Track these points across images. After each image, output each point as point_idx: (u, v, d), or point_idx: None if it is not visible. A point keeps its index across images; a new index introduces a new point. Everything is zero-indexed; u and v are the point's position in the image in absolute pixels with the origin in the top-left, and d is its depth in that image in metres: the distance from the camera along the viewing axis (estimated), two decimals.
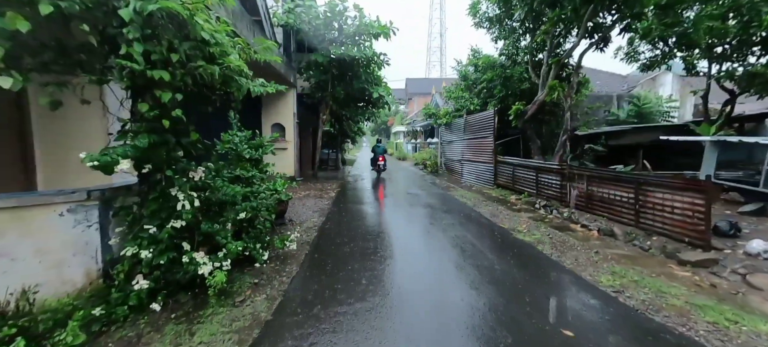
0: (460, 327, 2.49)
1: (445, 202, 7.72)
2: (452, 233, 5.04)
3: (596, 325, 2.51)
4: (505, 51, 10.71)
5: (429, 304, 2.85)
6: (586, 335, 2.37)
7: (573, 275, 3.44)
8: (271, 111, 11.21)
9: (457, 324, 2.52)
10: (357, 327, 2.48)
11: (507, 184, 8.65)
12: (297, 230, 5.22)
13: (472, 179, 10.93)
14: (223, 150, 4.37)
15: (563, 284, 3.26)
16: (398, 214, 6.49)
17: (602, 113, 14.34)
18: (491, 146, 9.38)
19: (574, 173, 5.89)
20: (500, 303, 2.85)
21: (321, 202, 7.59)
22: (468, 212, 6.51)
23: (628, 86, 15.31)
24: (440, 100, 17.94)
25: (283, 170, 11.58)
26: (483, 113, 10.16)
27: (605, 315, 2.66)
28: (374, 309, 2.75)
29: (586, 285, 3.19)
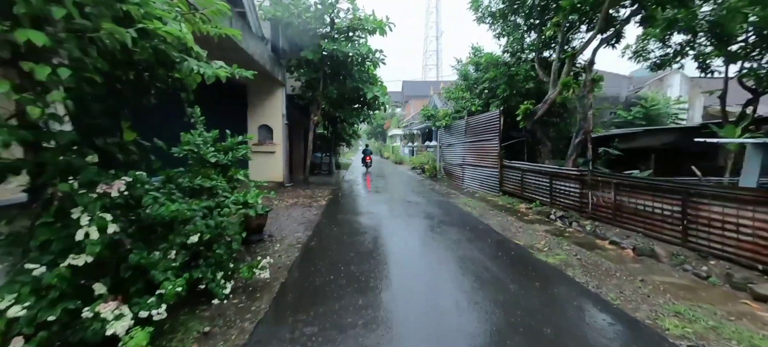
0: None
1: (447, 212, 6.92)
2: (460, 252, 4.24)
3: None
4: (509, 48, 10.02)
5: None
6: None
7: (624, 316, 2.65)
8: (257, 111, 10.38)
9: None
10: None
11: (514, 191, 7.89)
12: (276, 249, 4.39)
13: (474, 185, 10.17)
14: (180, 154, 3.54)
15: (615, 332, 2.47)
16: (396, 227, 5.68)
17: (608, 114, 13.72)
18: (496, 149, 8.63)
19: (597, 181, 5.14)
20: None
21: (309, 212, 6.76)
22: (474, 225, 5.72)
23: (634, 87, 14.72)
24: (439, 101, 17.25)
25: (270, 176, 10.73)
26: (487, 114, 9.43)
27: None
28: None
29: (649, 335, 2.40)
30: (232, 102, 9.49)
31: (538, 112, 7.50)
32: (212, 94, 8.35)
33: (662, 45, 10.88)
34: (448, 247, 4.45)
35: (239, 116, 9.89)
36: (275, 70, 9.57)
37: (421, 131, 23.32)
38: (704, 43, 10.44)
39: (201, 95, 7.71)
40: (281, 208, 7.13)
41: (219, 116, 8.77)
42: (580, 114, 7.56)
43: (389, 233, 5.21)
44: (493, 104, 11.15)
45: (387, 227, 5.61)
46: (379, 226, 5.64)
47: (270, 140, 10.50)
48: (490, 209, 7.13)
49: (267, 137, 10.54)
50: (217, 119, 8.15)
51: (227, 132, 4.30)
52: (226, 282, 3.01)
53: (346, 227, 5.56)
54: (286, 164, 10.63)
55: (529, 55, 10.25)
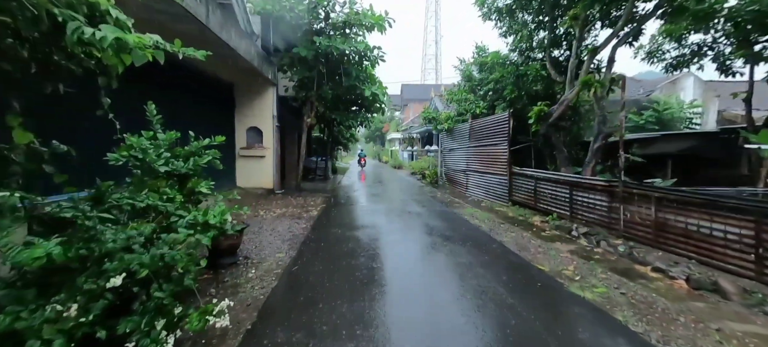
0: None
1: (453, 225, 6.15)
2: (473, 280, 3.47)
3: None
4: (517, 46, 9.33)
5: None
6: None
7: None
8: (245, 113, 9.63)
9: None
10: None
11: (526, 201, 7.14)
12: (250, 276, 3.61)
13: (479, 193, 9.42)
14: (118, 162, 2.76)
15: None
16: (396, 246, 4.91)
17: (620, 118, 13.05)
18: (505, 155, 7.89)
19: (632, 193, 4.39)
20: None
21: (297, 225, 5.97)
22: (486, 243, 4.95)
23: (645, 91, 14.08)
24: (440, 103, 16.56)
25: (260, 182, 9.94)
26: (494, 117, 8.71)
27: None
28: None
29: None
30: (217, 102, 8.74)
31: (553, 114, 6.78)
32: (193, 93, 7.60)
33: (678, 45, 10.24)
34: (460, 275, 3.68)
35: (225, 118, 9.14)
36: (265, 68, 8.83)
37: (420, 134, 22.62)
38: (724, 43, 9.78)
39: (179, 94, 6.94)
40: (267, 220, 6.35)
41: (201, 117, 8.02)
42: (598, 117, 6.85)
43: (388, 254, 4.43)
44: (499, 106, 10.45)
45: (385, 245, 4.84)
46: (375, 244, 4.86)
47: (259, 143, 9.74)
48: (500, 222, 6.37)
49: (256, 140, 9.78)
50: (199, 121, 7.39)
51: (190, 134, 3.52)
52: (168, 336, 2.23)
53: (337, 245, 4.78)
54: (277, 170, 9.86)
55: (538, 54, 9.57)
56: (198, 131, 7.12)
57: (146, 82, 6.24)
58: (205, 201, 3.68)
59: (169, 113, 6.71)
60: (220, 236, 3.27)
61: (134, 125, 3.14)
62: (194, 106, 7.46)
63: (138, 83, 6.11)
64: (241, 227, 3.91)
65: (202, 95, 7.88)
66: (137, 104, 3.32)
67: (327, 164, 15.05)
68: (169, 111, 6.76)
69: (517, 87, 9.24)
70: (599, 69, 8.69)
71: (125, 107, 3.29)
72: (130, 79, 5.16)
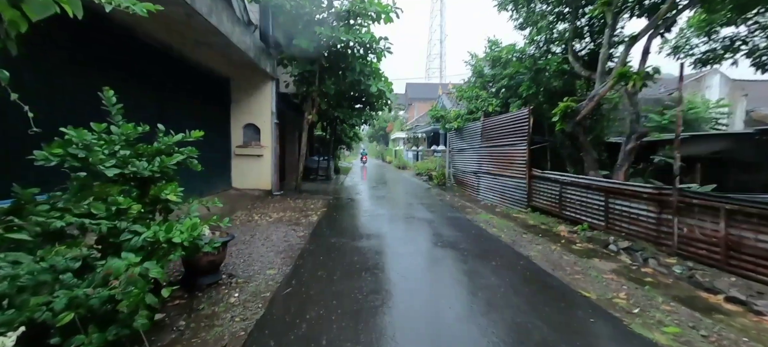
0: None
1: (469, 236, 5.47)
2: (508, 312, 2.80)
3: None
4: (536, 38, 8.62)
5: None
6: None
7: None
8: (242, 108, 9.00)
9: None
10: None
11: (548, 208, 6.43)
12: (232, 301, 2.95)
13: (492, 196, 8.72)
14: (50, 162, 2.10)
15: None
16: (406, 261, 4.25)
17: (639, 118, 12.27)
18: (524, 156, 7.19)
19: (690, 203, 3.69)
20: None
21: (294, 233, 5.33)
22: (512, 259, 4.27)
23: (666, 89, 13.28)
24: (448, 101, 15.86)
25: (257, 183, 9.30)
26: (512, 115, 8.00)
27: None
28: None
29: None
30: (212, 98, 8.12)
31: (581, 111, 6.06)
32: (185, 88, 6.98)
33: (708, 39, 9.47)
34: (489, 303, 3.00)
35: (220, 114, 8.52)
36: (263, 61, 8.20)
37: (426, 134, 21.93)
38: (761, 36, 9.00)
39: (168, 88, 6.21)
40: (261, 226, 5.70)
41: (194, 113, 7.39)
42: (631, 115, 6.14)
43: (397, 273, 3.76)
44: (514, 103, 9.74)
45: (393, 261, 4.17)
46: (382, 260, 4.19)
47: (257, 141, 9.11)
48: (521, 231, 5.68)
49: (253, 137, 9.15)
50: (191, 117, 6.77)
51: (159, 127, 2.88)
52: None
53: (338, 260, 4.11)
54: (275, 170, 9.23)
55: (556, 47, 8.85)
56: (191, 127, 6.45)
57: (129, 75, 5.66)
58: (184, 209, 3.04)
59: (157, 108, 6.13)
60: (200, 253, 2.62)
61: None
62: (186, 101, 6.84)
63: (119, 75, 5.53)
64: (224, 240, 3.25)
65: (195, 90, 7.27)
66: (124, 101, 2.68)
67: (329, 164, 14.41)
68: (157, 106, 6.17)
69: (535, 83, 8.53)
70: (643, 56, 7.98)
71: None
72: (108, 70, 4.48)
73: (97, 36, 4.34)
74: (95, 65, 4.40)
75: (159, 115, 5.75)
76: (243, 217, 6.36)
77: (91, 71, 4.30)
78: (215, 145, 8.15)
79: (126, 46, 5.00)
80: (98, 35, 4.37)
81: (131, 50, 5.33)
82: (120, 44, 4.85)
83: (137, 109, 5.13)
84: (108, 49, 4.61)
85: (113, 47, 4.72)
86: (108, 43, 4.59)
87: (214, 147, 8.10)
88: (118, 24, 4.69)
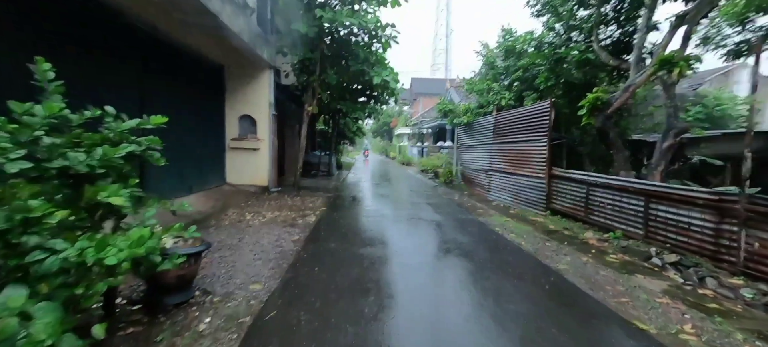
0: None
1: (485, 243, 4.86)
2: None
3: None
4: (555, 26, 7.91)
5: None
6: None
7: None
8: (238, 99, 8.41)
9: None
10: None
11: (571, 211, 5.79)
12: (201, 328, 2.37)
13: (505, 197, 8.08)
14: None
15: None
16: (415, 276, 3.65)
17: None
18: (543, 153, 6.54)
19: (763, 211, 3.03)
20: None
21: (288, 236, 4.75)
22: (539, 274, 3.65)
23: (691, 84, 12.47)
24: (457, 95, 15.16)
25: (253, 178, 8.71)
26: (530, 108, 7.33)
27: None
28: None
29: None
30: (204, 87, 7.53)
31: (613, 103, 5.38)
32: (174, 75, 6.38)
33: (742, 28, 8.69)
34: (522, 339, 2.39)
35: (213, 104, 7.93)
36: (260, 47, 7.58)
37: (432, 129, 21.24)
38: None
39: (155, 75, 5.53)
40: (252, 227, 5.13)
41: (184, 103, 6.80)
42: (668, 109, 5.46)
43: (406, 292, 3.16)
44: (529, 96, 9.07)
45: (401, 276, 3.57)
46: (388, 273, 3.59)
47: (253, 134, 8.53)
48: (543, 237, 5.05)
49: (249, 130, 8.57)
50: (181, 107, 6.19)
51: (108, 110, 2.28)
52: None
53: (335, 272, 3.52)
54: (273, 165, 8.65)
55: (578, 35, 8.13)
56: (180, 118, 5.85)
57: (111, 60, 5.08)
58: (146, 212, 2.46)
59: (137, 95, 5.53)
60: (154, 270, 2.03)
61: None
62: (174, 89, 6.26)
63: (101, 61, 4.95)
64: (192, 252, 2.66)
65: (185, 77, 6.69)
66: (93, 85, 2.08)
67: (331, 160, 13.82)
68: (138, 93, 5.57)
69: (554, 74, 7.83)
70: (643, 58, 7.26)
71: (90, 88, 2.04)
72: (88, 56, 3.80)
73: (55, 5, 3.73)
74: (50, 40, 3.71)
75: (140, 103, 5.17)
76: (234, 216, 5.79)
77: (42, 47, 3.67)
78: (208, 137, 7.58)
79: (98, 22, 4.39)
80: (57, 4, 3.75)
81: (106, 26, 4.75)
82: (90, 18, 4.25)
83: (112, 95, 4.55)
84: (71, 22, 4.00)
85: (79, 21, 4.11)
86: (71, 15, 3.97)
87: (207, 139, 7.53)
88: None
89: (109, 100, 2.57)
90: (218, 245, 4.18)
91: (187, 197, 6.48)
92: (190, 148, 6.78)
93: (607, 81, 7.80)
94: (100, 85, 4.33)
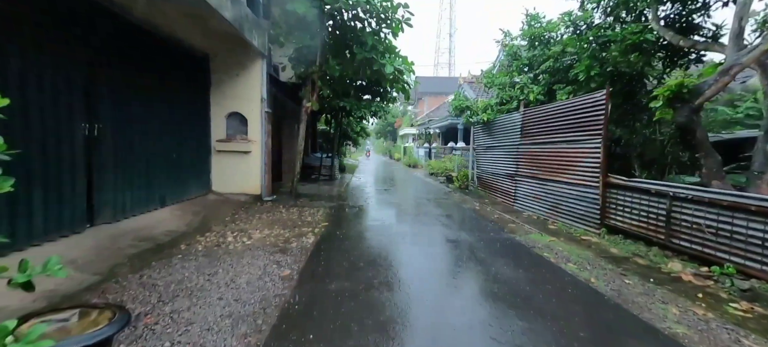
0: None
1: (542, 280, 3.63)
2: None
3: None
4: (601, 2, 6.65)
5: None
6: None
7: None
8: (225, 93, 7.22)
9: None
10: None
11: (640, 230, 4.55)
12: None
13: (539, 208, 6.84)
14: None
15: None
16: (455, 335, 2.43)
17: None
18: (594, 156, 5.31)
19: None
20: None
21: (278, 267, 3.55)
22: (645, 342, 2.41)
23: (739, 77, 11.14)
24: (471, 91, 13.91)
25: (243, 186, 7.37)
26: (572, 102, 6.08)
27: None
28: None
29: None
30: (186, 79, 6.36)
31: (704, 91, 4.13)
32: (152, 66, 4.99)
33: None
34: None
35: (195, 100, 6.75)
36: (250, 33, 6.41)
37: (440, 129, 20.00)
38: None
39: (131, 65, 4.20)
40: (232, 255, 3.92)
41: (160, 98, 5.55)
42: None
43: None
44: (562, 90, 7.82)
45: (439, 340, 2.35)
46: (419, 339, 2.37)
47: (243, 134, 7.35)
48: (615, 270, 3.81)
49: (239, 130, 7.38)
50: (155, 103, 5.02)
51: None
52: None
53: (343, 340, 2.30)
54: (266, 170, 7.46)
55: (627, 14, 6.86)
56: (147, 116, 4.71)
57: (79, 48, 3.90)
58: None
59: (87, 89, 4.17)
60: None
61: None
62: (142, 82, 5.06)
63: (71, 49, 3.73)
64: (92, 343, 1.44)
65: (158, 68, 5.53)
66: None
67: (333, 162, 12.63)
68: (86, 87, 4.20)
69: (598, 61, 6.58)
70: (716, 36, 5.99)
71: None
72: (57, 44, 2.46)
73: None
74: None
75: (84, 97, 3.97)
76: (212, 238, 4.59)
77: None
78: (187, 138, 6.40)
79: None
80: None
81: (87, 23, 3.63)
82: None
83: (31, 86, 3.36)
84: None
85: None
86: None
87: (186, 141, 6.35)
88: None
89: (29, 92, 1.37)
90: (176, 289, 2.98)
91: (156, 211, 5.29)
92: (162, 151, 5.59)
93: (663, 69, 6.56)
94: (9, 71, 3.13)
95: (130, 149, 4.81)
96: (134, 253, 3.75)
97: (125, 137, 4.72)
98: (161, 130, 5.54)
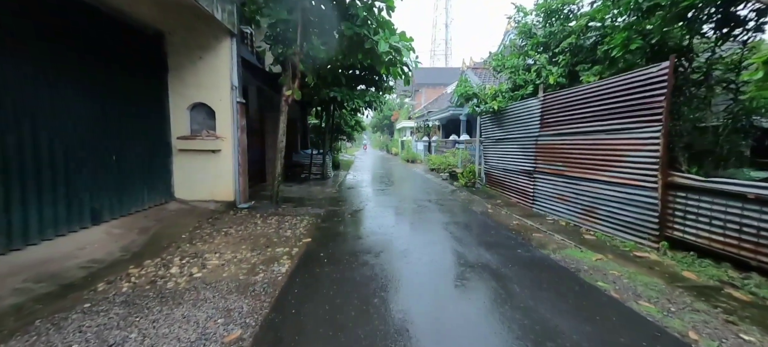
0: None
1: (608, 330, 2.47)
2: None
3: None
4: None
5: None
6: None
7: None
8: (186, 80, 5.97)
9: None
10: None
11: (724, 247, 3.41)
12: None
13: (566, 212, 5.69)
14: None
15: None
16: None
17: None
18: (651, 148, 4.17)
19: None
20: None
21: (224, 321, 2.36)
22: None
23: None
24: (475, 77, 12.67)
25: (212, 192, 5.60)
26: (614, 81, 4.87)
27: None
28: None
29: None
30: (133, 62, 5.10)
31: None
32: (86, 47, 3.30)
33: None
34: None
35: (148, 88, 5.49)
36: (213, 4, 5.15)
37: (440, 121, 18.79)
38: None
39: (59, 48, 2.69)
40: (166, 301, 2.73)
41: (95, 85, 3.85)
42: None
43: None
44: (587, 71, 6.62)
45: None
46: None
47: (211, 129, 6.12)
48: (714, 311, 2.68)
49: (206, 124, 6.15)
50: (88, 92, 3.61)
51: None
52: None
53: None
54: (241, 172, 6.23)
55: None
56: (74, 108, 3.38)
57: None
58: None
59: (21, 71, 2.87)
60: None
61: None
62: (67, 65, 3.82)
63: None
64: None
65: (101, 48, 4.30)
66: None
67: (325, 160, 11.41)
68: (20, 69, 2.88)
69: (639, 33, 5.38)
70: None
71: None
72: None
73: None
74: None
75: (48, 92, 2.72)
76: (149, 271, 3.39)
77: None
78: (137, 135, 5.17)
79: None
80: None
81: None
82: None
83: None
84: None
85: None
86: None
87: (135, 138, 5.12)
88: None
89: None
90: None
91: (84, 232, 4.07)
92: (98, 153, 4.37)
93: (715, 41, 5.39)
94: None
95: (40, 148, 3.59)
96: (15, 303, 2.56)
97: (33, 133, 3.50)
98: (94, 125, 4.31)
